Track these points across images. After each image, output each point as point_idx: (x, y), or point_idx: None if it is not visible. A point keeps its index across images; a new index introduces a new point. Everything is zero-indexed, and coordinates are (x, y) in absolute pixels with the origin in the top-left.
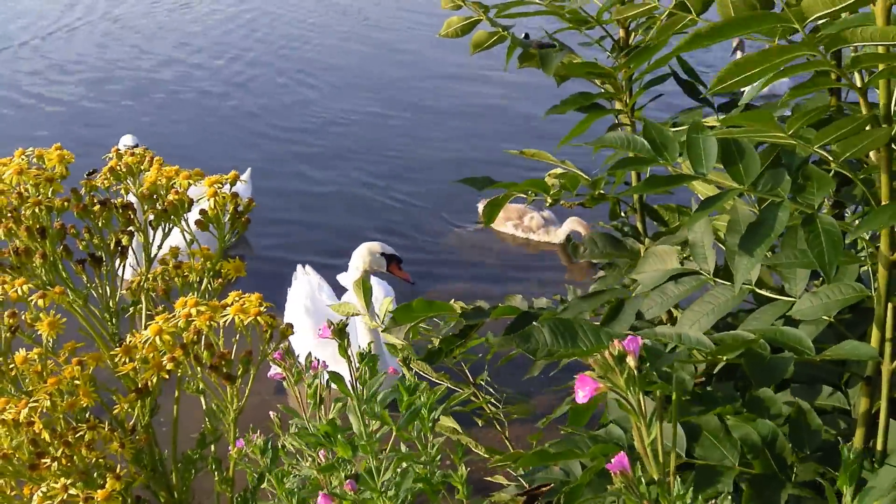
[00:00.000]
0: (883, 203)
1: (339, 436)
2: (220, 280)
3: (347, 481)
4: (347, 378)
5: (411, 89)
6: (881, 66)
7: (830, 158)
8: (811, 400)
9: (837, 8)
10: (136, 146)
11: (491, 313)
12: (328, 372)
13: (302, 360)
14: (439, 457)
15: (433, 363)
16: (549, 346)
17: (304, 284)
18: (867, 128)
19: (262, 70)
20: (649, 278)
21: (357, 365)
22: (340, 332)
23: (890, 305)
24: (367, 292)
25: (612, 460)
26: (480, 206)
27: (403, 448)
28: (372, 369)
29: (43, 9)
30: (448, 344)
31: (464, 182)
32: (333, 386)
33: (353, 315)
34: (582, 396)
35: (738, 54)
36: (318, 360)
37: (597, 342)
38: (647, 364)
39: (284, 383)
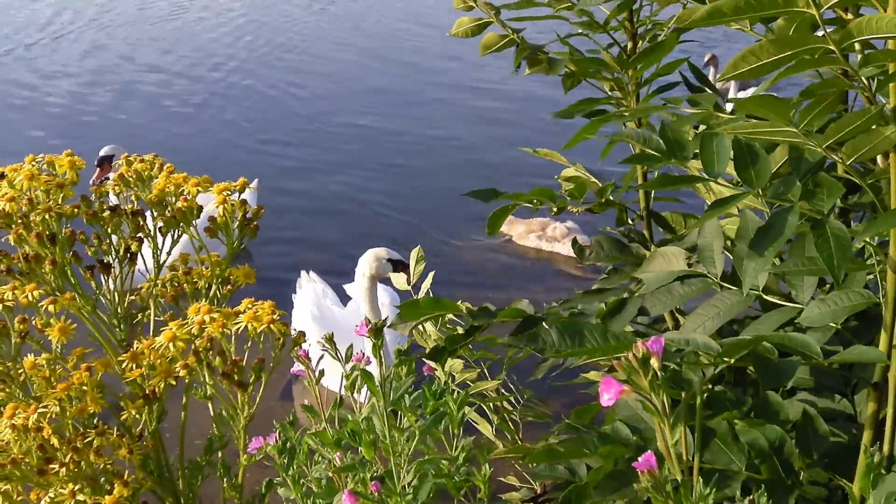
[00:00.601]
0: (892, 208)
1: (364, 436)
2: (228, 286)
3: (373, 482)
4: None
5: (407, 100)
6: (891, 68)
7: (839, 160)
8: (817, 407)
9: None
10: (113, 156)
11: (497, 315)
12: (361, 372)
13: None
14: (464, 454)
15: (437, 361)
16: (556, 346)
17: (310, 291)
18: (875, 128)
19: (253, 80)
20: (654, 278)
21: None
22: (377, 332)
23: None
24: (420, 259)
25: (640, 459)
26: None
27: (429, 441)
28: (409, 370)
29: (28, 16)
30: (452, 343)
31: (470, 195)
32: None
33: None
34: (607, 399)
35: (711, 69)
36: (362, 353)
37: (603, 342)
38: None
39: (305, 382)
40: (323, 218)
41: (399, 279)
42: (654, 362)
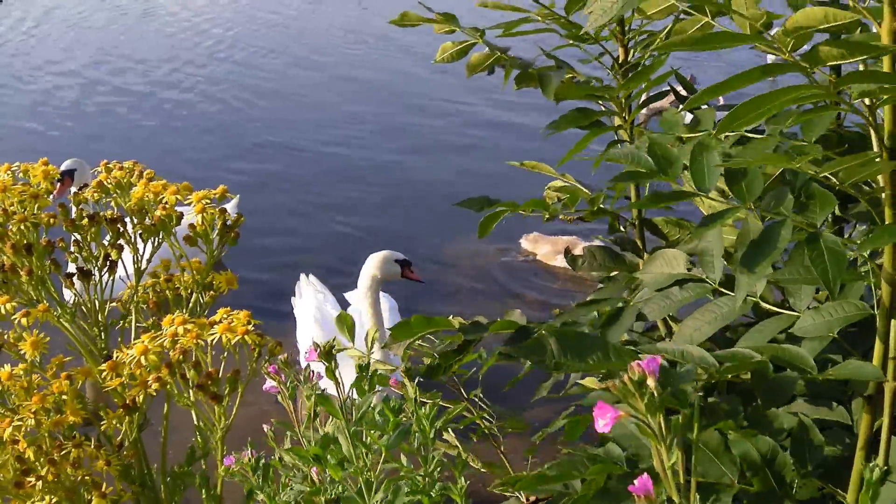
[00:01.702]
0: (887, 222)
1: (329, 456)
2: (211, 293)
3: None
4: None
5: (385, 117)
6: (882, 93)
7: (838, 184)
8: (813, 414)
9: (825, 27)
10: (75, 170)
11: (489, 328)
12: (317, 395)
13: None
14: (438, 469)
15: (432, 378)
16: (556, 359)
17: (311, 297)
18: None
19: (208, 97)
20: (653, 280)
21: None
22: (327, 355)
23: (893, 322)
24: (350, 328)
25: (636, 482)
26: (524, 242)
27: (404, 459)
28: (372, 384)
29: None
30: (447, 359)
31: (462, 205)
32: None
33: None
34: (602, 426)
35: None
36: (315, 372)
37: (604, 357)
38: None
39: (279, 397)
40: (316, 229)
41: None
42: (651, 382)
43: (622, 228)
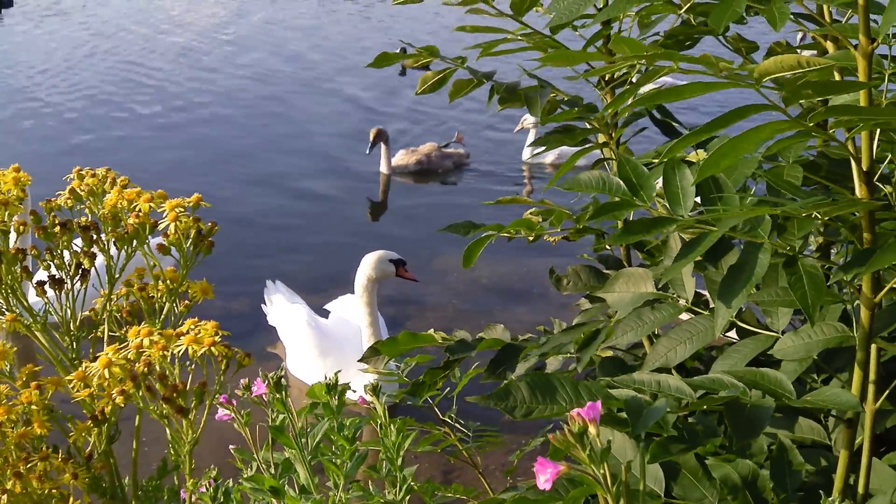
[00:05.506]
0: (865, 246)
1: (288, 486)
2: (186, 302)
3: None
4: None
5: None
6: (859, 123)
7: (818, 216)
8: (792, 431)
9: (795, 72)
10: None
11: (476, 346)
12: (269, 427)
13: (305, 373)
14: (408, 497)
15: (417, 395)
16: (527, 404)
17: (287, 302)
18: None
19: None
20: (619, 300)
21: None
22: (277, 385)
23: (873, 346)
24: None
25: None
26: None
27: (372, 488)
28: (340, 406)
29: None
30: (433, 376)
31: (447, 230)
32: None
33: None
34: (543, 482)
35: (382, 146)
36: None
37: (576, 397)
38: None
39: (235, 425)
40: (298, 241)
41: None
42: (592, 430)
43: (608, 246)
